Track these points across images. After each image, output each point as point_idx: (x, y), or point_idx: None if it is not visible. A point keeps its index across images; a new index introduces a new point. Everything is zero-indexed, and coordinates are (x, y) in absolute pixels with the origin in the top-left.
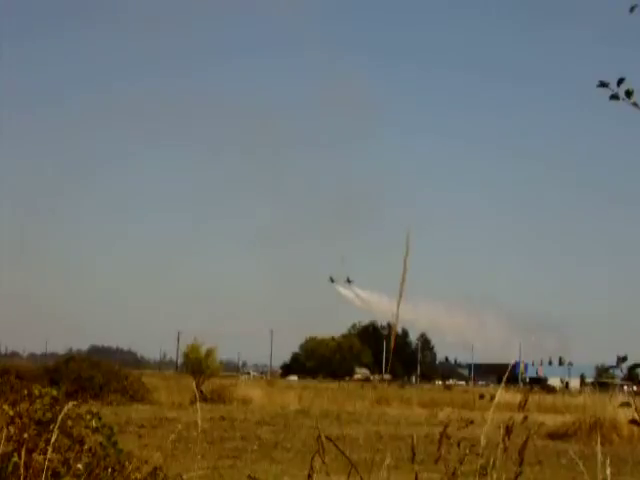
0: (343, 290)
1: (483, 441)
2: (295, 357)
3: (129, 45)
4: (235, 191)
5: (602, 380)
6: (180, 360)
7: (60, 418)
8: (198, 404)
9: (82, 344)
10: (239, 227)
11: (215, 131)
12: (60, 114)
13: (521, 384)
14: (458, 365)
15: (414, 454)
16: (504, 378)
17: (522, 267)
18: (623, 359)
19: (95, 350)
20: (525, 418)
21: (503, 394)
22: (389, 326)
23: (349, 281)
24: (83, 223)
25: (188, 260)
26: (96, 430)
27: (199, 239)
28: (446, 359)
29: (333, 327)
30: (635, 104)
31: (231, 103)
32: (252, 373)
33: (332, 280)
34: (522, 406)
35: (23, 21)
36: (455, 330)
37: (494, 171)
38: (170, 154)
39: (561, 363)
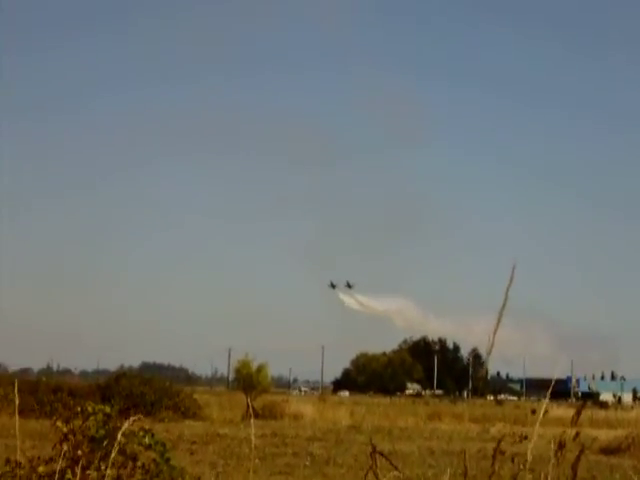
0: (343, 296)
1: (530, 456)
2: (346, 373)
3: (172, 54)
4: (283, 207)
5: None
6: (231, 376)
7: (119, 436)
8: (252, 420)
9: (133, 361)
10: (289, 242)
11: (261, 145)
12: (94, 125)
13: (573, 399)
14: (510, 380)
15: (467, 469)
16: (548, 392)
17: (569, 279)
18: None
19: (146, 367)
20: (577, 434)
21: (555, 409)
22: (440, 341)
23: (349, 286)
24: (132, 241)
25: (239, 276)
26: (149, 447)
27: (249, 255)
28: (497, 374)
29: (384, 342)
30: None
31: (277, 115)
32: (303, 389)
33: (333, 286)
34: (574, 421)
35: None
36: (503, 345)
37: (538, 184)
38: (218, 168)
39: (613, 378)
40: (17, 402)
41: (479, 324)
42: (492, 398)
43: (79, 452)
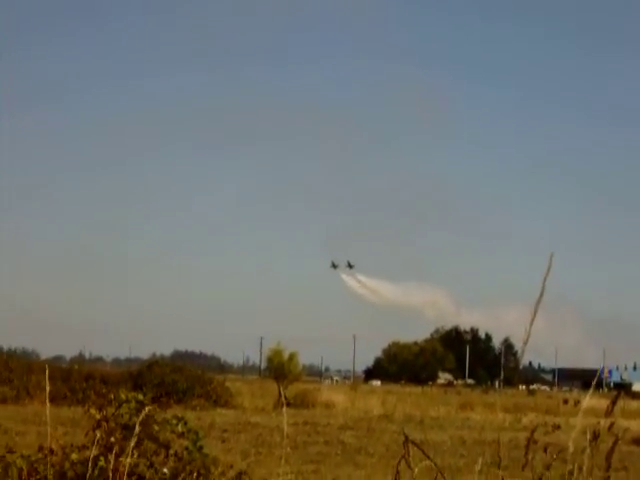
0: (346, 277)
1: (571, 447)
2: (378, 362)
3: (199, 42)
4: (310, 194)
5: None
6: (263, 365)
7: (140, 420)
8: (284, 409)
9: (165, 349)
10: (318, 230)
11: (283, 133)
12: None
13: (605, 389)
14: (541, 370)
15: (500, 459)
16: (593, 383)
17: (597, 268)
18: None
19: (178, 355)
20: (612, 425)
21: (588, 399)
22: (472, 331)
23: (350, 266)
24: (164, 229)
25: (270, 264)
26: (182, 435)
27: (280, 243)
28: (529, 364)
29: (416, 331)
30: None
31: (300, 104)
32: (335, 378)
33: (334, 266)
34: (609, 412)
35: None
36: (534, 334)
37: (565, 175)
38: (244, 160)
39: None
40: (48, 389)
41: (510, 313)
42: (524, 388)
43: (112, 439)
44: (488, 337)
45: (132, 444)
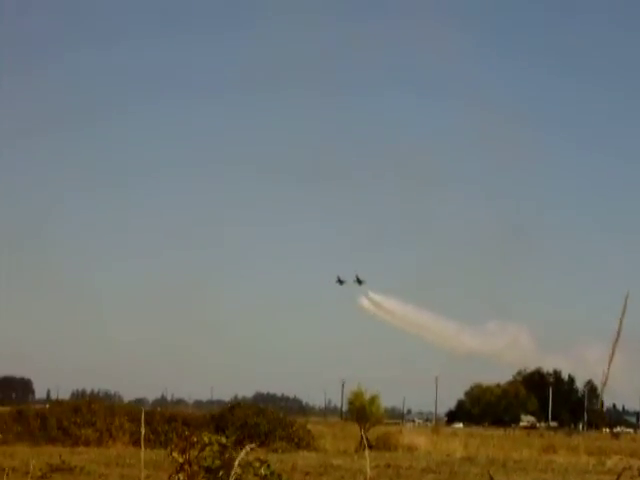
0: (362, 298)
1: None
2: (460, 404)
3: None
4: (392, 237)
5: None
6: (345, 407)
7: (236, 464)
8: (367, 451)
9: (247, 391)
10: (396, 270)
11: (360, 172)
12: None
13: None
14: (626, 412)
15: None
16: None
17: None
18: None
19: (260, 397)
20: None
21: None
22: (555, 373)
23: (359, 281)
24: (246, 274)
25: (352, 307)
26: (265, 478)
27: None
28: (613, 406)
29: (498, 373)
30: None
31: (376, 142)
32: (417, 420)
33: (340, 282)
34: None
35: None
36: (615, 376)
37: None
38: (313, 200)
39: None
40: (143, 432)
41: (593, 355)
42: (608, 431)
43: None
44: (571, 379)
45: None
